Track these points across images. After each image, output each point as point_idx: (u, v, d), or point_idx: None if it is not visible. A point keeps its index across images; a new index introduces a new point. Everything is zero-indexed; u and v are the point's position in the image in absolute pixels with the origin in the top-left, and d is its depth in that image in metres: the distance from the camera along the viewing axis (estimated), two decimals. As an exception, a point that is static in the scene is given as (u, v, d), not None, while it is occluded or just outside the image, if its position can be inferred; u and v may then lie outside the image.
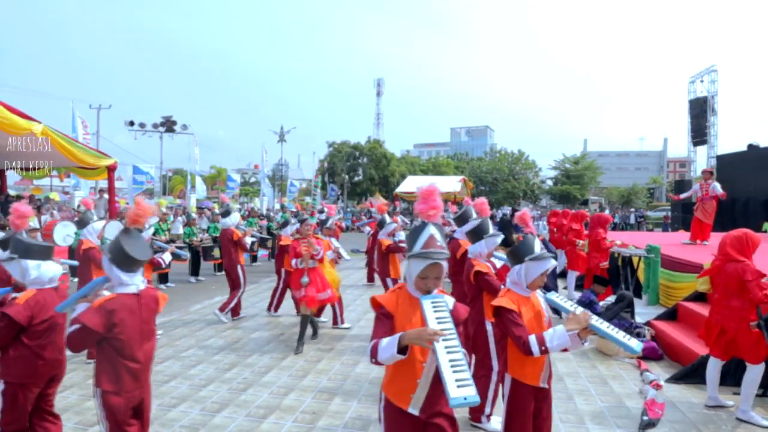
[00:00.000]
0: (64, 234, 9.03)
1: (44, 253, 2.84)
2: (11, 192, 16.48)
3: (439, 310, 2.12)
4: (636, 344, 2.48)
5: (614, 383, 4.80)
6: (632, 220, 30.31)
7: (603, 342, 5.74)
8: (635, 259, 7.53)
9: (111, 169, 13.81)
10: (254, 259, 13.81)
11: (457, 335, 2.06)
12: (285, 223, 7.84)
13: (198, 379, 4.93)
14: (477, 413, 3.76)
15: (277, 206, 25.15)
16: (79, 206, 13.12)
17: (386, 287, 6.57)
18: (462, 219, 4.42)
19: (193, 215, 12.67)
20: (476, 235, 3.92)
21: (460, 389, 1.87)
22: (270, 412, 4.12)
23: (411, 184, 33.59)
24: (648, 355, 5.49)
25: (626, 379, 4.90)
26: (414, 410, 2.18)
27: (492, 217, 17.02)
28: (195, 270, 11.53)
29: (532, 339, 2.46)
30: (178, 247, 7.29)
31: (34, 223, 7.80)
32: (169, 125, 23.71)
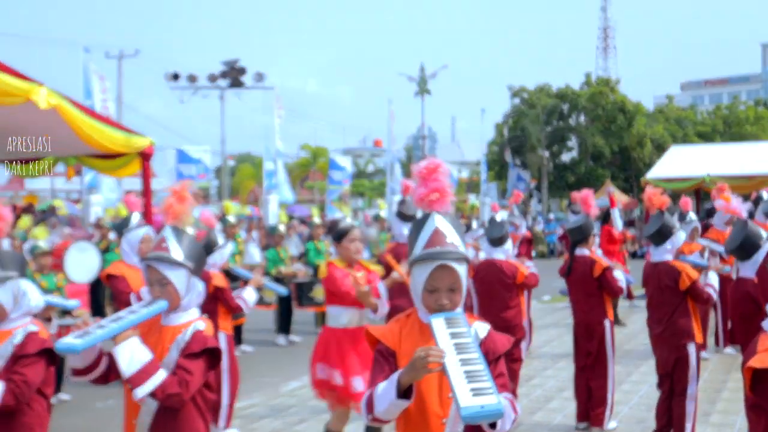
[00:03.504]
0: (81, 263, 10.48)
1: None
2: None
3: (454, 326, 2.70)
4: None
5: None
6: None
7: None
8: None
9: (146, 157, 15.65)
10: None
11: (481, 353, 2.61)
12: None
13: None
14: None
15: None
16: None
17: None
18: None
19: (281, 228, 13.65)
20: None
21: (477, 398, 2.42)
22: None
23: (677, 161, 32.04)
24: None
25: None
26: None
27: None
28: (284, 324, 12.45)
29: None
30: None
31: (44, 243, 9.17)
32: (234, 76, 25.87)
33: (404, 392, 2.64)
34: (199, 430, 3.46)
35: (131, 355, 3.21)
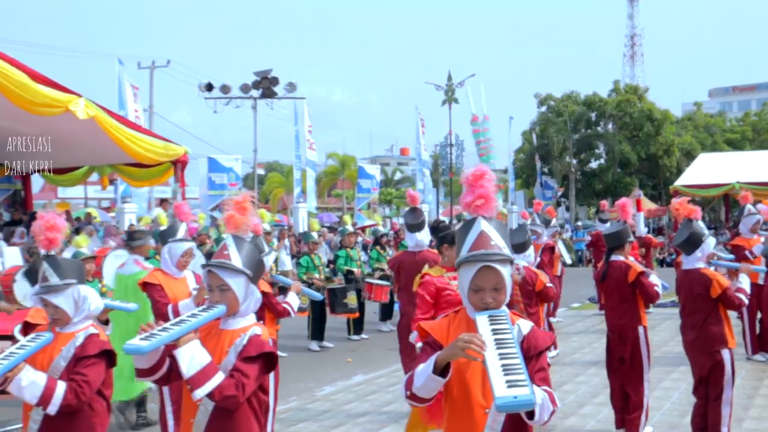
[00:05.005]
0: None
1: None
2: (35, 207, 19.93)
3: (497, 323, 2.89)
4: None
5: None
6: None
7: None
8: None
9: (180, 166, 15.78)
10: None
11: (519, 349, 2.80)
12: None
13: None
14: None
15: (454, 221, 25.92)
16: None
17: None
18: None
19: (314, 236, 13.80)
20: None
21: (511, 389, 2.61)
22: None
23: (706, 168, 31.86)
24: None
25: None
26: None
27: None
28: (318, 330, 12.60)
29: None
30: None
31: (87, 250, 9.36)
32: (266, 86, 26.07)
33: (441, 372, 2.82)
34: (254, 430, 3.56)
35: (192, 357, 3.33)
